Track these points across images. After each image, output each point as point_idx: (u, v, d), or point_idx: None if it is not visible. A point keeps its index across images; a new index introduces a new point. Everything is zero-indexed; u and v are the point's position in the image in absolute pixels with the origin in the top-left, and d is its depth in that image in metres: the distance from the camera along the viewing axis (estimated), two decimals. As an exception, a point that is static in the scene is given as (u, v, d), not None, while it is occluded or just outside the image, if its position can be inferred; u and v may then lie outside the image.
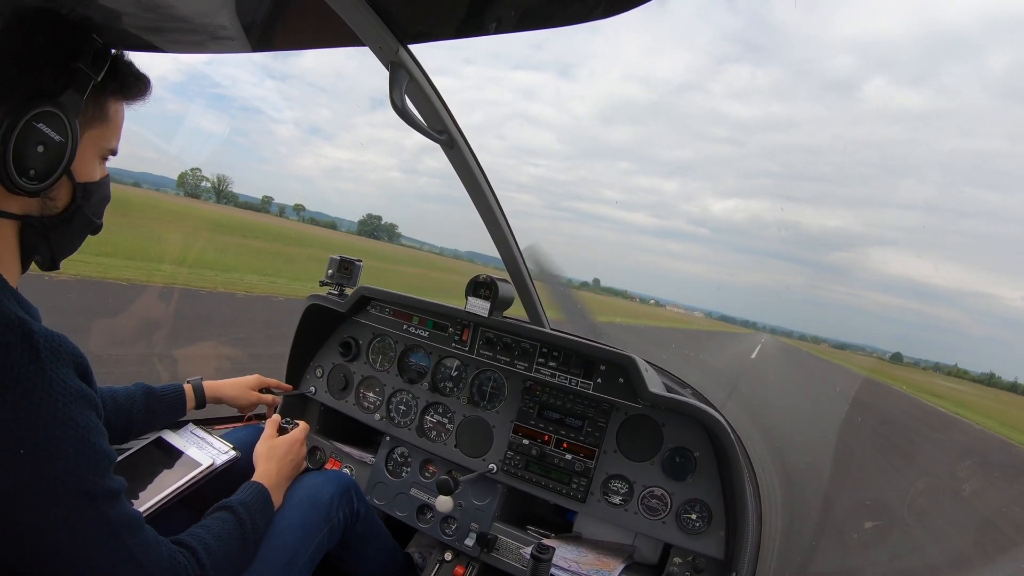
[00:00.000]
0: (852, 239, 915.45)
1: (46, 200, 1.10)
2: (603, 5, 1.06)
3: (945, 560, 6.07)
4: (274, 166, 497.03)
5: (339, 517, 1.68)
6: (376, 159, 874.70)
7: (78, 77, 1.05)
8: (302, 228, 78.03)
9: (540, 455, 2.01)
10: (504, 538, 1.97)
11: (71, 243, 1.19)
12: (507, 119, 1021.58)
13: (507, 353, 2.13)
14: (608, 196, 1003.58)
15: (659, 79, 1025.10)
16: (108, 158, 1.21)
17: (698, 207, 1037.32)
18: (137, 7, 1.20)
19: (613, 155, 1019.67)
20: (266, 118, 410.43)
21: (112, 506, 1.06)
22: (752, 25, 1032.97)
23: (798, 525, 5.18)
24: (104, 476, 1.05)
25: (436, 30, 1.29)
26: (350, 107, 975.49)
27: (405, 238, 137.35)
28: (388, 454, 2.28)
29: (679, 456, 1.87)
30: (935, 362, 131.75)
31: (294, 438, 1.74)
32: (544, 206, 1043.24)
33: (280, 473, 1.61)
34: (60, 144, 1.04)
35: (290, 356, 2.45)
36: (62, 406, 0.98)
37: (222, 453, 1.70)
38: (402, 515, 2.16)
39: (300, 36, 1.43)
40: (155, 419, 1.74)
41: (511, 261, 2.19)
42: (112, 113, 1.17)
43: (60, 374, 0.99)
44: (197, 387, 1.88)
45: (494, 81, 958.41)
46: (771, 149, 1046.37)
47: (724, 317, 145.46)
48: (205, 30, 1.35)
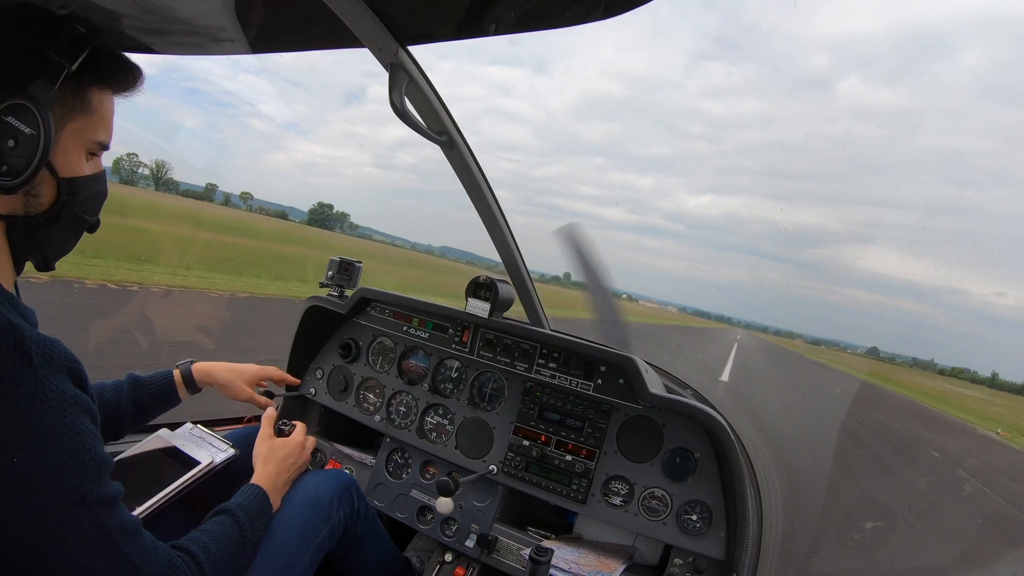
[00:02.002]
0: (827, 236, 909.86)
1: (29, 198, 1.05)
2: (602, 6, 1.06)
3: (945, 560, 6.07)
4: (249, 160, 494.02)
5: (339, 517, 1.67)
6: (351, 155, 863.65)
7: (49, 66, 1.00)
8: (243, 217, 69.52)
9: (540, 456, 2.01)
10: (504, 539, 1.97)
11: (62, 242, 1.15)
12: (483, 114, 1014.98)
13: (507, 354, 2.13)
14: (584, 192, 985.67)
15: (635, 76, 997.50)
16: (99, 153, 1.16)
17: (673, 203, 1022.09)
18: (137, 9, 1.20)
19: (589, 151, 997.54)
20: (241, 112, 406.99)
21: (108, 512, 1.04)
22: (728, 23, 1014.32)
23: (799, 525, 5.18)
24: (99, 482, 1.03)
25: (436, 31, 1.29)
26: (326, 101, 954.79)
27: (365, 229, 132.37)
28: (388, 455, 2.28)
29: (679, 457, 1.87)
30: (912, 357, 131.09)
31: (295, 440, 1.72)
32: (519, 201, 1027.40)
33: (279, 476, 1.59)
34: (32, 137, 0.99)
35: (290, 357, 2.45)
36: (55, 413, 0.96)
37: (221, 451, 1.70)
38: (402, 516, 2.15)
39: (300, 38, 1.43)
40: (144, 410, 1.69)
41: (511, 262, 2.19)
42: (97, 104, 1.11)
43: (53, 380, 0.97)
44: (185, 371, 1.79)
45: (470, 77, 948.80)
46: (747, 146, 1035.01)
47: (699, 312, 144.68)
48: (205, 32, 1.35)
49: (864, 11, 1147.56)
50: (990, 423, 27.38)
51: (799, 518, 5.41)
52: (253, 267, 20.00)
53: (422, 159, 64.44)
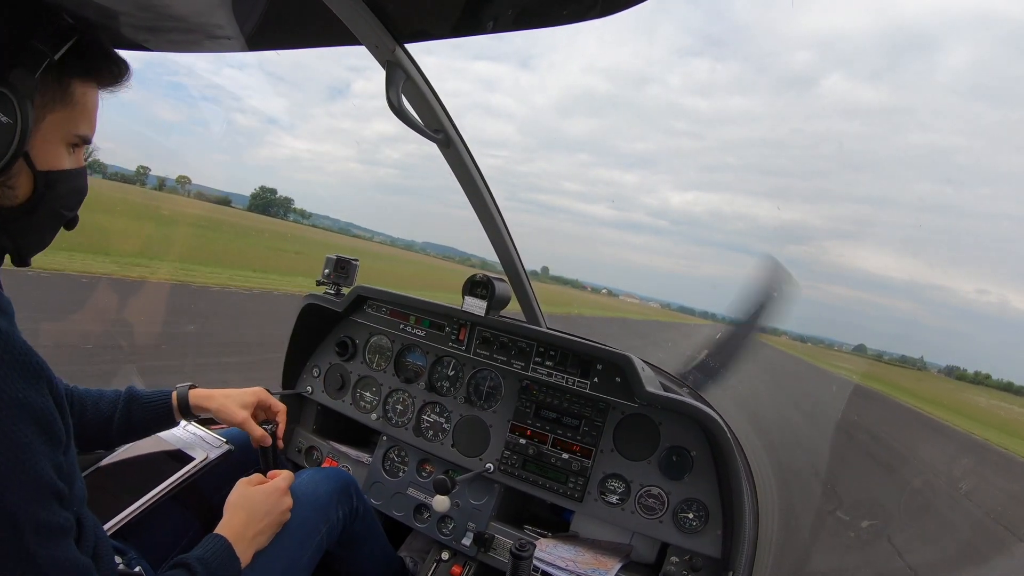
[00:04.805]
0: (810, 232, 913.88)
1: (4, 189, 1.01)
2: (600, 4, 1.06)
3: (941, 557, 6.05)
4: (232, 156, 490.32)
5: (338, 515, 1.65)
6: (334, 150, 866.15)
7: (31, 55, 0.97)
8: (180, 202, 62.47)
9: (537, 454, 2.01)
10: (501, 537, 1.97)
11: (37, 237, 1.09)
12: (467, 110, 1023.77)
13: (504, 352, 2.13)
14: (568, 188, 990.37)
15: (619, 71, 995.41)
16: (81, 147, 1.11)
17: (658, 200, 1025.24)
18: (133, 6, 1.19)
19: (573, 147, 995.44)
20: (224, 106, 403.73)
21: (44, 544, 0.89)
22: (712, 19, 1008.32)
23: (794, 523, 5.19)
24: (37, 505, 0.89)
25: (433, 29, 1.29)
26: (309, 96, 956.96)
27: (319, 216, 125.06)
28: (385, 454, 2.28)
29: (676, 455, 1.87)
30: (900, 354, 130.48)
31: (275, 487, 1.47)
32: (504, 197, 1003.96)
33: (249, 526, 1.38)
34: (8, 126, 0.95)
35: (287, 356, 2.45)
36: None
37: (215, 448, 1.69)
38: (399, 515, 2.16)
39: (296, 35, 1.42)
40: (136, 428, 1.56)
41: (508, 260, 2.19)
42: (79, 96, 1.06)
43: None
44: (181, 395, 1.62)
45: (455, 72, 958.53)
46: (730, 143, 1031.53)
47: (683, 308, 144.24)
48: (201, 29, 1.35)
49: (848, 8, 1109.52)
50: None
51: (794, 517, 5.42)
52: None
53: (406, 155, 63.42)
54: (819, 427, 12.86)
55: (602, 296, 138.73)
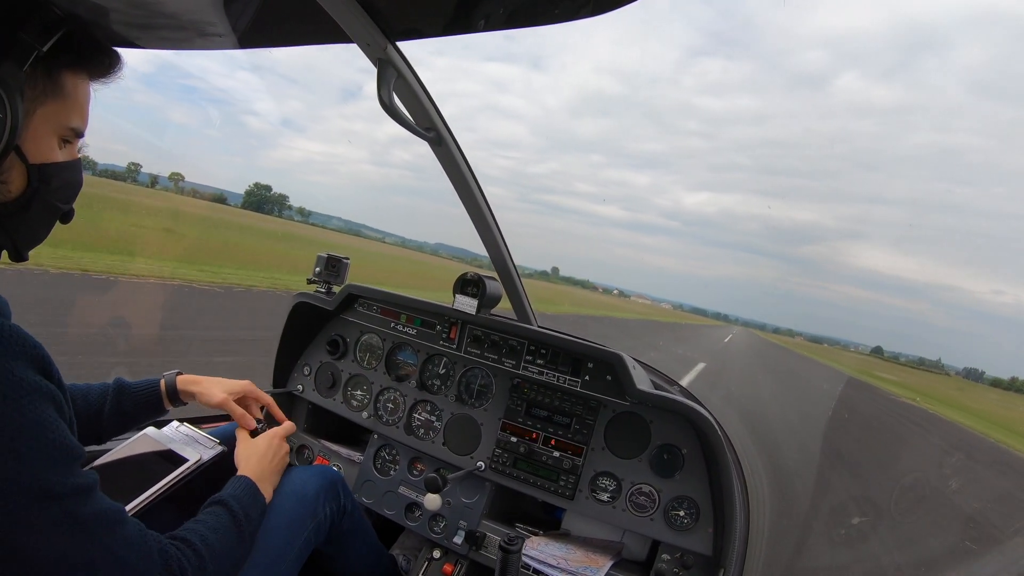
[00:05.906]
0: (823, 233, 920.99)
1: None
2: (591, 4, 1.07)
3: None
4: (244, 158, 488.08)
5: (325, 512, 1.66)
6: (347, 152, 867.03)
7: (19, 48, 0.97)
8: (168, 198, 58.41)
9: (528, 453, 2.02)
10: (492, 535, 1.97)
11: (34, 231, 1.10)
12: (478, 111, 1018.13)
13: (495, 351, 2.14)
14: (580, 189, 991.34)
15: (630, 72, 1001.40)
16: (74, 140, 1.12)
17: (670, 200, 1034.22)
18: (124, 3, 1.18)
19: (585, 148, 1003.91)
20: (236, 109, 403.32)
21: (82, 503, 0.99)
22: (724, 18, 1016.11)
23: (786, 521, 5.21)
24: (67, 473, 0.98)
25: (424, 27, 1.29)
26: (321, 98, 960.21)
27: (317, 214, 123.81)
28: (376, 452, 2.28)
29: (667, 453, 1.89)
30: (918, 356, 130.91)
31: (272, 434, 1.68)
32: (515, 199, 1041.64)
33: (262, 467, 1.56)
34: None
35: (277, 354, 2.44)
36: (11, 402, 0.92)
37: (208, 449, 1.69)
38: (390, 513, 2.15)
39: (288, 33, 1.42)
40: (127, 418, 1.61)
41: (499, 258, 2.20)
42: (70, 88, 1.07)
43: (8, 367, 0.93)
44: (169, 381, 1.68)
45: (465, 73, 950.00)
46: (743, 143, 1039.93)
47: (696, 309, 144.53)
48: (193, 27, 1.34)
49: (861, 7, 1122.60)
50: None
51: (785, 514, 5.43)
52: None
53: (418, 156, 63.76)
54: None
55: (613, 297, 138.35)
